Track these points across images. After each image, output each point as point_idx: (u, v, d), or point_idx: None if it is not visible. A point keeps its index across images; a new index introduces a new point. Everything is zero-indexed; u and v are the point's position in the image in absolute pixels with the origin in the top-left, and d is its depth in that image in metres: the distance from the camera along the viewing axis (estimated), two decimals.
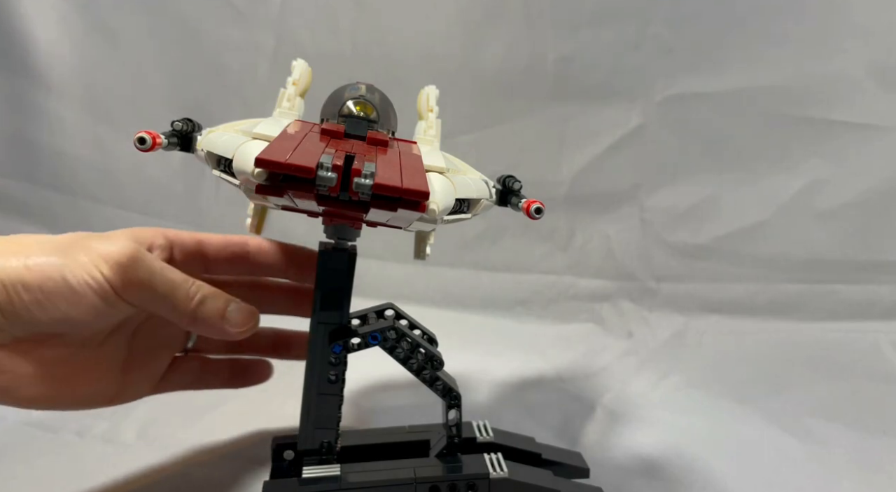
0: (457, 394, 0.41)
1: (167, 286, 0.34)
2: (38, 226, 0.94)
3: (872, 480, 0.45)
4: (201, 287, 0.36)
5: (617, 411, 0.57)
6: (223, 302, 0.36)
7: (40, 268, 0.31)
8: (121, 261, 0.33)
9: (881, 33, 0.73)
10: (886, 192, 0.76)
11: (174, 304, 0.35)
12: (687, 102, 0.80)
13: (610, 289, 0.84)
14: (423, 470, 0.38)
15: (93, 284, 0.32)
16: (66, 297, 0.32)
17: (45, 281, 0.31)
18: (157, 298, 0.34)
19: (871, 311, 0.75)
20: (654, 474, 0.46)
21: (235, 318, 0.36)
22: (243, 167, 0.26)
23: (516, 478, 0.39)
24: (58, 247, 0.33)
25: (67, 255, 0.32)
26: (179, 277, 0.35)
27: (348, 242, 0.38)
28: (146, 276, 0.34)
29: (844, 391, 0.60)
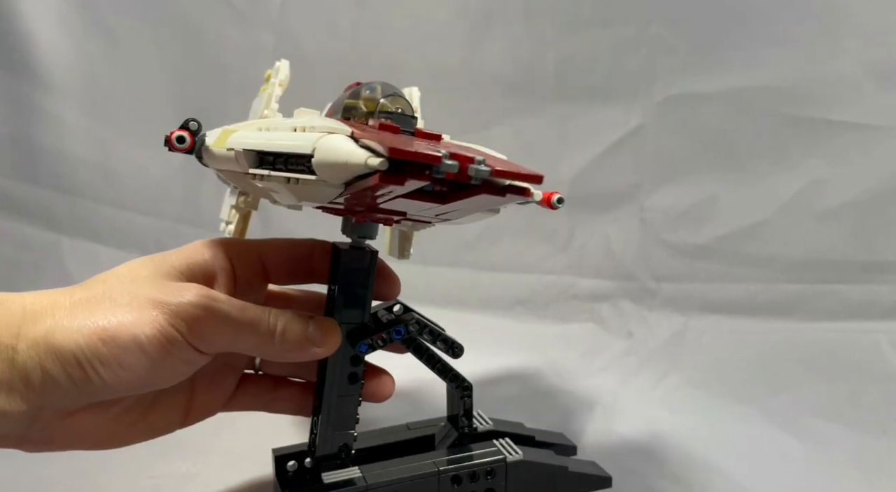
0: (469, 384, 0.43)
1: (247, 327, 0.32)
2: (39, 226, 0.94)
3: (872, 480, 0.45)
4: (279, 316, 0.33)
5: (617, 410, 0.57)
6: (302, 324, 0.34)
7: (116, 341, 0.28)
8: (197, 315, 0.30)
9: (881, 33, 0.73)
10: (886, 192, 0.76)
11: (257, 342, 0.32)
12: (687, 102, 0.80)
13: (610, 289, 0.84)
14: (442, 462, 0.39)
15: (174, 352, 0.30)
16: (146, 366, 0.29)
17: (123, 355, 0.28)
18: (240, 341, 0.32)
19: (871, 311, 0.75)
20: (653, 474, 0.46)
21: (317, 337, 0.34)
22: (344, 159, 0.25)
23: (529, 459, 0.41)
24: (126, 297, 0.30)
25: (142, 310, 0.29)
26: (255, 313, 0.32)
27: (366, 241, 0.38)
28: (226, 325, 0.31)
29: (844, 391, 0.60)
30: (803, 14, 0.75)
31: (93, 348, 0.28)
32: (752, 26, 0.76)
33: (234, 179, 0.34)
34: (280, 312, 0.33)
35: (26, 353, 0.28)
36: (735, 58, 0.77)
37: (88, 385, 0.28)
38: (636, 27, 0.79)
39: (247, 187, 0.35)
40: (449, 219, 0.35)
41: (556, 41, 0.82)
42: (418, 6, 0.85)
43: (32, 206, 0.94)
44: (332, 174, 0.26)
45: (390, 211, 0.32)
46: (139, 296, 0.30)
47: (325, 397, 0.38)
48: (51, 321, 0.29)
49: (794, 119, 0.77)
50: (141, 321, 0.29)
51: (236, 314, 0.32)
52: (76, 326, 0.28)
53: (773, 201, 0.79)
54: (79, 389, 0.28)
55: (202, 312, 0.30)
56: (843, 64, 0.75)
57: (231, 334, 0.32)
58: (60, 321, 0.29)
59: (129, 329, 0.29)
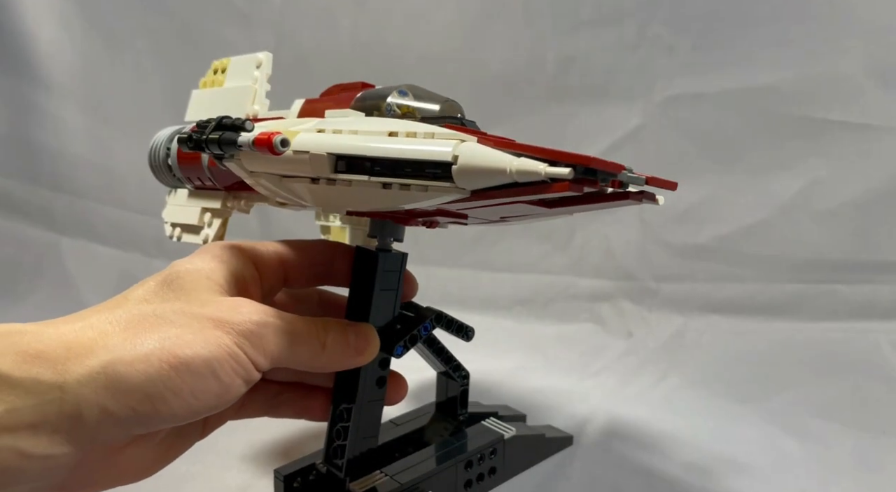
0: (467, 372, 0.45)
1: (301, 341, 0.31)
2: (39, 226, 0.94)
3: (872, 480, 0.45)
4: (325, 325, 0.32)
5: (616, 410, 0.57)
6: (344, 333, 0.33)
7: (189, 368, 0.26)
8: (259, 333, 0.29)
9: (881, 33, 0.73)
10: (886, 192, 0.76)
11: (309, 355, 0.31)
12: (687, 102, 0.80)
13: (609, 289, 0.84)
14: (454, 451, 0.41)
15: (241, 373, 0.28)
16: (216, 392, 0.27)
17: (196, 382, 0.26)
18: (293, 355, 0.31)
19: (871, 311, 0.75)
20: (653, 474, 0.46)
21: (360, 345, 0.33)
22: (500, 166, 0.25)
23: (520, 433, 0.46)
24: (180, 317, 0.28)
25: (204, 331, 0.27)
26: (305, 325, 0.31)
27: (393, 242, 0.38)
28: (284, 340, 0.30)
29: (844, 391, 0.60)
30: (803, 14, 0.75)
31: (164, 379, 0.26)
32: (752, 26, 0.76)
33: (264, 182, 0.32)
34: (324, 322, 0.33)
35: (78, 391, 0.24)
36: (735, 58, 0.77)
37: (153, 418, 0.26)
38: (636, 27, 0.79)
39: (268, 189, 0.33)
40: (509, 222, 0.37)
41: (556, 41, 0.82)
42: (418, 6, 0.85)
43: (32, 206, 0.94)
44: (475, 181, 0.26)
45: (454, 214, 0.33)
46: (196, 315, 0.28)
47: (357, 403, 0.37)
48: (105, 353, 0.25)
49: (794, 119, 0.77)
50: (209, 344, 0.27)
51: (290, 328, 0.30)
52: (140, 354, 0.26)
53: (773, 201, 0.79)
54: (140, 423, 0.26)
55: (263, 330, 0.29)
56: (843, 64, 0.75)
57: (287, 349, 0.30)
58: (119, 351, 0.25)
59: (201, 353, 0.26)
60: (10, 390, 0.24)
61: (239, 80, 0.42)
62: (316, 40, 0.88)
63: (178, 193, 0.43)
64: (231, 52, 0.97)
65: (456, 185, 0.26)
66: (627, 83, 0.81)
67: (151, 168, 0.44)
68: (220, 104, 0.41)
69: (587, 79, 0.82)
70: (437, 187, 0.27)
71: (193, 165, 0.40)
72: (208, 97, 0.43)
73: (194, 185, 0.42)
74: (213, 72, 0.44)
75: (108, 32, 0.92)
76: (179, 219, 0.41)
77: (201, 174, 0.40)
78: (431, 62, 0.85)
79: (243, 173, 0.32)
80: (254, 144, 0.27)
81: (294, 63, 0.88)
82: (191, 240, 0.42)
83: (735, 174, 0.80)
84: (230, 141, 0.28)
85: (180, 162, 0.41)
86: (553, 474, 0.46)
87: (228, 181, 0.38)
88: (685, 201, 0.82)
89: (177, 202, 0.43)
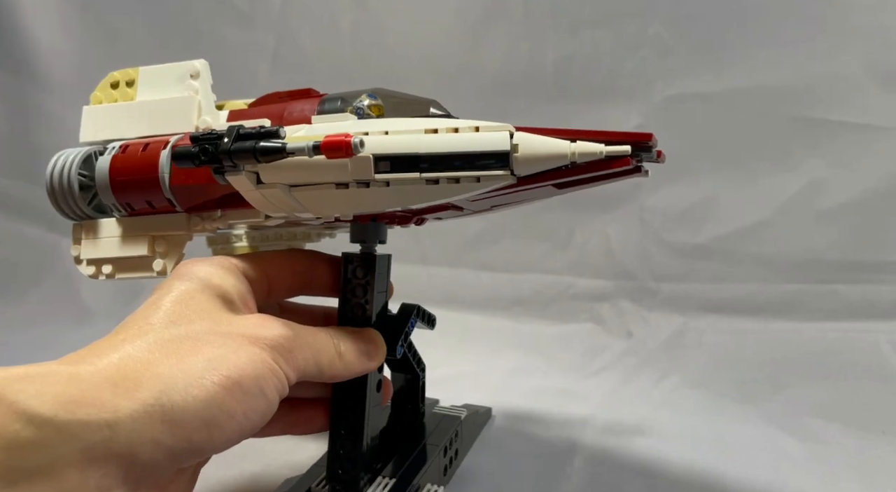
0: (424, 365, 0.44)
1: (322, 352, 0.31)
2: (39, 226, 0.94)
3: (872, 480, 0.45)
4: (336, 335, 0.32)
5: (616, 410, 0.57)
6: (354, 339, 0.33)
7: (242, 388, 0.26)
8: (291, 347, 0.29)
9: (881, 33, 0.73)
10: (886, 192, 0.76)
11: (328, 365, 0.31)
12: (687, 102, 0.80)
13: (609, 289, 0.84)
14: (435, 441, 0.42)
15: (280, 389, 0.28)
16: (263, 411, 0.27)
17: (249, 402, 0.26)
18: (316, 370, 0.30)
19: (871, 311, 0.75)
20: (653, 474, 0.46)
21: (371, 351, 0.33)
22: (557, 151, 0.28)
23: (469, 413, 0.50)
24: (214, 337, 0.27)
25: (242, 349, 0.27)
26: (322, 336, 0.31)
27: (377, 245, 0.37)
28: (309, 353, 0.30)
29: (844, 391, 0.60)
30: (803, 14, 0.75)
31: (219, 403, 0.25)
32: (753, 26, 0.76)
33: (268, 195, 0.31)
34: (335, 331, 0.33)
35: (131, 427, 0.23)
36: (735, 58, 0.77)
37: (205, 446, 0.25)
38: (636, 27, 0.79)
39: (268, 202, 0.31)
40: (499, 209, 0.37)
41: (556, 41, 0.82)
42: (418, 6, 0.85)
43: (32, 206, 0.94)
44: (532, 166, 0.28)
45: (454, 206, 0.34)
46: (230, 334, 0.27)
47: (366, 412, 0.36)
48: (156, 382, 0.24)
49: (794, 119, 0.77)
50: (253, 361, 0.26)
51: (311, 340, 0.30)
52: (193, 379, 0.25)
53: (772, 201, 0.79)
54: (193, 453, 0.25)
55: (292, 344, 0.29)
56: (843, 64, 0.75)
57: (312, 362, 0.30)
58: (169, 379, 0.24)
59: (249, 372, 0.26)
60: (56, 433, 0.22)
61: (163, 93, 0.38)
62: (316, 40, 0.88)
63: (98, 224, 0.37)
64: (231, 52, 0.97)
65: (513, 172, 0.28)
66: (627, 83, 0.81)
67: (53, 197, 0.37)
68: (147, 118, 0.37)
69: (587, 79, 0.82)
70: (490, 177, 0.28)
71: (141, 188, 0.35)
72: (117, 113, 0.39)
73: (130, 211, 0.36)
74: (112, 86, 0.40)
75: (108, 32, 0.92)
76: (110, 253, 0.36)
77: (155, 197, 0.35)
78: (432, 62, 0.85)
79: (247, 187, 0.30)
80: (320, 149, 0.26)
81: (294, 63, 0.88)
82: (136, 275, 0.37)
83: (735, 174, 0.80)
84: (272, 150, 0.27)
85: (118, 186, 0.35)
86: (553, 474, 0.46)
87: (194, 201, 0.35)
88: (685, 201, 0.82)
89: (100, 235, 0.37)
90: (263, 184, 0.30)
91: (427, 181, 0.28)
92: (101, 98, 0.40)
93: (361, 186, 0.29)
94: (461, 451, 0.47)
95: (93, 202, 0.38)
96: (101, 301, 0.91)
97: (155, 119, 0.37)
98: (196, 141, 0.28)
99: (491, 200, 0.33)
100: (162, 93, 0.38)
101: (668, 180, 0.82)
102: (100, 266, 0.37)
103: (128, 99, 0.39)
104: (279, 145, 0.27)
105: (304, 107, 0.34)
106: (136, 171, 0.35)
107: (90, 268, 0.37)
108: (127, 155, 0.36)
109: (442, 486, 0.38)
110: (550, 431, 0.53)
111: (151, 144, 0.36)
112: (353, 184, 0.29)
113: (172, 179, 0.34)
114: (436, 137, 0.28)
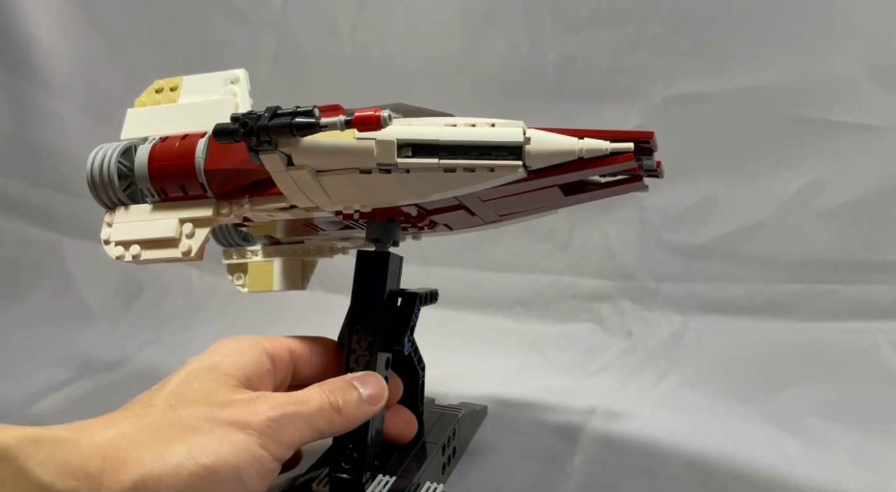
0: (424, 364, 0.45)
1: (318, 418, 0.31)
2: (39, 226, 0.94)
3: (872, 480, 0.45)
4: (333, 391, 0.33)
5: (616, 410, 0.57)
6: (351, 387, 0.34)
7: (218, 476, 0.27)
8: (279, 428, 0.29)
9: (881, 33, 0.73)
10: (886, 192, 0.76)
11: (326, 428, 0.32)
12: (687, 102, 0.80)
13: (609, 289, 0.84)
14: (435, 439, 0.43)
15: (263, 474, 0.29)
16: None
17: (221, 489, 0.27)
18: (315, 435, 0.32)
19: (871, 311, 0.75)
20: (653, 474, 0.46)
21: (371, 397, 0.34)
22: (568, 147, 0.30)
23: (465, 411, 0.50)
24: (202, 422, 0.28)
25: (227, 435, 0.28)
26: (317, 400, 0.32)
27: (390, 246, 0.39)
28: (303, 426, 0.31)
29: (844, 391, 0.60)
30: (803, 14, 0.75)
31: (193, 490, 0.26)
32: (752, 26, 0.76)
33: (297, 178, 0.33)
34: (330, 385, 0.33)
35: None
36: (735, 58, 0.77)
37: None
38: (635, 27, 0.79)
39: (297, 187, 0.33)
40: (506, 221, 0.40)
41: (556, 41, 0.82)
42: (418, 6, 0.85)
43: (33, 206, 0.94)
44: (543, 160, 0.30)
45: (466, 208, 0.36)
46: (218, 420, 0.29)
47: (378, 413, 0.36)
48: (138, 467, 0.26)
49: (794, 119, 0.77)
50: (235, 449, 0.28)
51: (305, 410, 0.31)
52: (170, 467, 0.26)
53: (772, 201, 0.79)
54: None
55: (282, 423, 0.30)
56: (843, 64, 0.75)
57: (307, 430, 0.31)
58: (150, 465, 0.26)
59: (228, 461, 0.27)
60: None
61: (204, 97, 0.40)
62: (316, 41, 0.88)
63: (130, 209, 0.40)
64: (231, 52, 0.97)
65: (523, 164, 0.30)
66: (627, 83, 0.81)
67: (93, 186, 0.40)
68: (188, 117, 0.40)
69: (587, 79, 0.82)
70: (503, 166, 0.30)
71: (177, 173, 0.37)
72: (159, 113, 0.41)
73: (163, 197, 0.39)
74: (156, 91, 0.42)
75: (108, 32, 0.92)
76: (139, 235, 0.38)
77: (189, 182, 0.37)
78: (432, 63, 0.85)
79: (278, 167, 0.32)
80: (352, 123, 0.28)
81: (294, 63, 0.88)
82: (161, 255, 0.38)
83: (735, 174, 0.80)
84: (307, 124, 0.29)
85: (156, 171, 0.38)
86: (553, 473, 0.46)
87: (225, 186, 0.37)
88: (685, 201, 0.82)
89: (131, 218, 0.39)
90: (293, 166, 0.32)
91: (445, 170, 0.31)
92: (145, 102, 0.42)
93: (384, 172, 0.32)
94: (459, 449, 0.47)
95: (128, 190, 0.40)
96: (101, 301, 0.91)
97: (194, 119, 0.39)
98: (236, 119, 0.30)
99: (501, 202, 0.35)
100: (203, 97, 0.40)
101: (668, 180, 0.82)
102: (127, 247, 0.39)
103: (170, 102, 0.41)
104: (313, 120, 0.29)
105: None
106: (173, 157, 0.37)
107: (118, 249, 0.39)
108: (166, 144, 0.38)
109: (441, 484, 0.38)
110: (550, 431, 0.53)
111: (189, 136, 0.38)
112: (375, 170, 0.32)
113: (207, 163, 0.37)
114: (455, 129, 0.31)
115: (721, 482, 0.45)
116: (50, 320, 0.85)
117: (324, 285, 0.83)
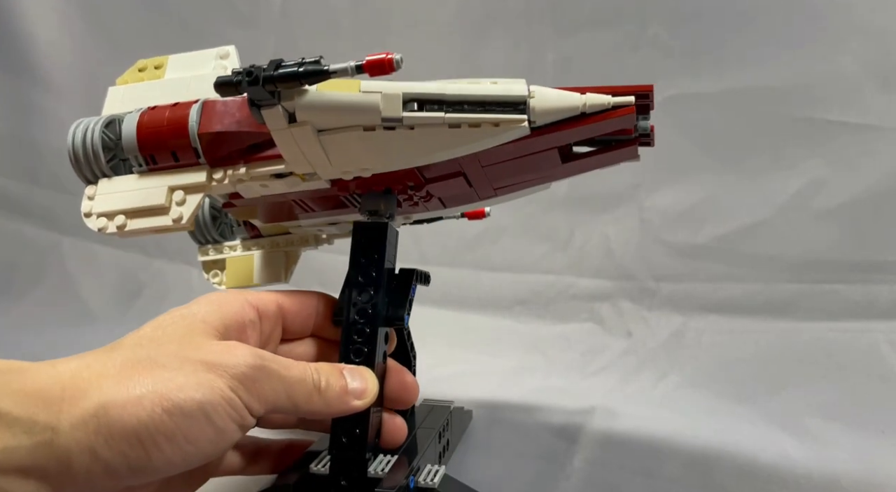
0: (415, 351, 0.45)
1: (296, 386, 0.30)
2: (39, 226, 0.94)
3: (872, 479, 0.45)
4: (320, 370, 0.32)
5: (616, 410, 0.57)
6: (341, 377, 0.32)
7: (182, 410, 0.26)
8: (253, 376, 0.28)
9: (881, 33, 0.73)
10: (886, 192, 0.76)
11: (303, 400, 0.31)
12: (687, 102, 0.80)
13: (609, 289, 0.84)
14: (430, 427, 0.43)
15: (236, 418, 0.28)
16: (210, 437, 0.27)
17: (190, 426, 0.26)
18: (288, 401, 0.30)
19: (871, 311, 0.75)
20: (653, 474, 0.46)
21: (357, 390, 0.33)
22: (571, 103, 0.31)
23: (457, 405, 0.50)
24: (173, 360, 0.27)
25: (196, 374, 0.27)
26: (300, 369, 0.31)
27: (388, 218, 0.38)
28: (279, 385, 0.29)
29: (844, 391, 0.60)
30: (803, 14, 0.75)
31: (157, 422, 0.25)
32: (752, 26, 0.76)
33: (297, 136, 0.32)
34: (318, 366, 0.32)
35: (70, 434, 0.24)
36: (735, 58, 0.77)
37: (145, 466, 0.25)
38: (635, 27, 0.79)
39: (297, 148, 0.32)
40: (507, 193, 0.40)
41: (556, 41, 0.82)
42: (418, 7, 0.85)
43: (32, 206, 0.94)
44: (547, 115, 0.31)
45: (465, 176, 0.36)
46: (188, 358, 0.28)
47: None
48: (99, 394, 0.25)
49: (794, 119, 0.77)
50: (202, 386, 0.27)
51: (285, 373, 0.30)
52: (133, 396, 0.25)
53: (772, 201, 0.79)
54: (132, 471, 0.25)
55: (257, 373, 0.28)
56: (843, 64, 0.75)
57: (283, 394, 0.30)
58: (112, 394, 0.25)
59: (194, 396, 0.26)
60: (6, 428, 0.23)
61: (193, 73, 0.39)
62: (316, 40, 0.88)
63: (113, 180, 0.38)
64: None
65: (528, 119, 0.30)
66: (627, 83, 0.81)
67: (75, 160, 0.38)
68: (177, 91, 0.38)
69: (587, 79, 0.82)
70: (508, 120, 0.30)
71: (168, 138, 0.36)
72: (145, 89, 0.40)
73: (152, 165, 0.37)
74: (140, 70, 0.41)
75: (108, 32, 0.92)
76: (124, 205, 0.36)
77: (181, 147, 0.35)
78: (431, 63, 0.85)
79: (279, 124, 0.31)
80: (363, 68, 0.29)
81: None
82: (149, 224, 0.36)
83: (735, 174, 0.80)
84: (317, 71, 0.29)
85: (146, 137, 0.36)
86: (553, 473, 0.46)
87: (219, 151, 0.35)
88: (685, 201, 0.82)
89: (115, 189, 0.37)
90: (296, 123, 0.31)
91: (450, 126, 0.30)
92: (127, 80, 0.41)
93: (388, 129, 0.31)
94: (452, 442, 0.47)
95: (111, 162, 0.38)
96: (100, 301, 0.91)
97: (183, 92, 0.38)
98: (239, 72, 0.30)
99: (500, 168, 0.35)
100: (192, 73, 0.39)
101: (667, 180, 0.82)
102: (111, 218, 0.37)
103: (155, 78, 0.40)
104: (323, 68, 0.29)
105: None
106: (164, 123, 0.36)
107: (100, 220, 0.37)
108: (155, 112, 0.37)
109: (443, 465, 0.37)
110: (550, 430, 0.53)
111: (180, 103, 0.37)
112: (380, 127, 0.31)
113: (201, 127, 0.35)
114: (460, 85, 0.31)
115: (721, 482, 0.45)
116: (50, 320, 0.85)
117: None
